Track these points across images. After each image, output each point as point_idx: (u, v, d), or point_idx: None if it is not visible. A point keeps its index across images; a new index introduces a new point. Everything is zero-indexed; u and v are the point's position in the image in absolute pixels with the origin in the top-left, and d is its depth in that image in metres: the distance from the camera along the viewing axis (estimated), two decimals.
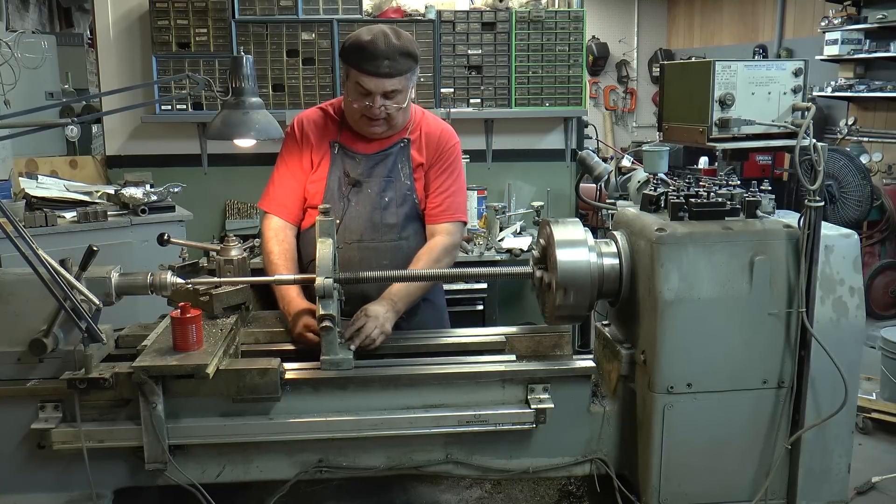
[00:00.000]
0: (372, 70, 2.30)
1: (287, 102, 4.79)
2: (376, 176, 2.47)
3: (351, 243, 2.44)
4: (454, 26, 4.83)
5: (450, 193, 2.53)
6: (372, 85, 2.31)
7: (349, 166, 2.47)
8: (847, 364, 1.94)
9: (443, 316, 2.66)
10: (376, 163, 2.47)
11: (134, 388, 1.84)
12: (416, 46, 2.39)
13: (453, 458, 2.02)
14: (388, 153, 2.48)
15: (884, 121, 7.45)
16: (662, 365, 1.93)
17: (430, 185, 2.53)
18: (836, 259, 1.99)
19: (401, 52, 2.31)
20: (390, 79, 2.31)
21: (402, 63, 2.32)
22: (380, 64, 2.29)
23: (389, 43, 2.30)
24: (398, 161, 2.48)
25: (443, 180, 2.52)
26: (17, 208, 3.77)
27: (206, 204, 4.90)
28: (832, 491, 2.05)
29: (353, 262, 2.39)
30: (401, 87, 2.35)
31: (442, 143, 2.53)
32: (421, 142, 2.51)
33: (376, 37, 2.30)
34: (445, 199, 2.51)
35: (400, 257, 2.43)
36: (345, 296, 2.45)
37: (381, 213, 2.46)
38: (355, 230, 2.45)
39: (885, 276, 6.40)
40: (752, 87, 1.95)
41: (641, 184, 4.05)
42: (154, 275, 2.00)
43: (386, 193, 2.47)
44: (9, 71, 5.36)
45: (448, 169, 2.53)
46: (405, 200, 2.49)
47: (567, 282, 1.95)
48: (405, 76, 2.35)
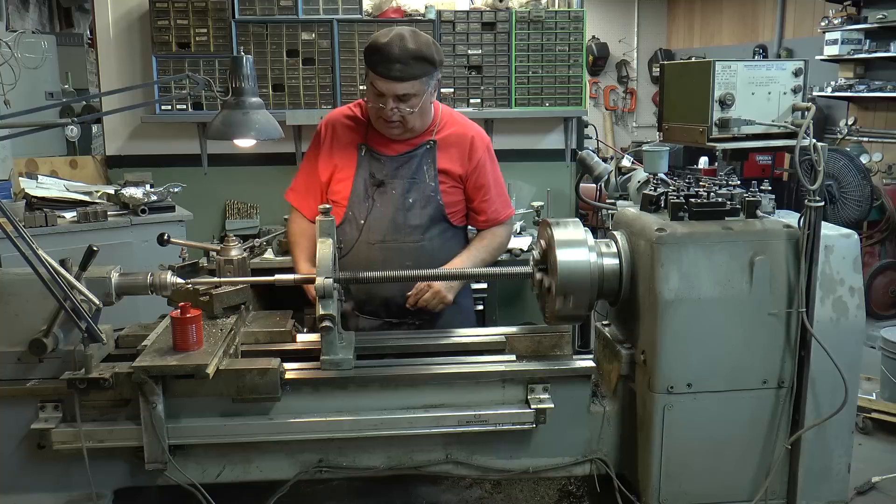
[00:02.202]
0: (384, 72, 2.33)
1: (287, 102, 4.79)
2: (401, 177, 2.50)
3: (374, 243, 2.48)
4: (454, 26, 4.83)
5: (489, 200, 2.59)
6: (384, 87, 2.34)
7: (375, 168, 2.51)
8: (847, 364, 1.94)
9: (468, 319, 2.68)
10: (401, 164, 2.50)
11: (134, 388, 1.84)
12: (435, 50, 2.39)
13: (453, 458, 2.03)
14: (412, 155, 2.51)
15: (884, 121, 7.45)
16: (662, 365, 1.93)
17: (470, 197, 2.58)
18: (836, 259, 1.99)
19: (415, 55, 2.31)
20: (401, 82, 2.33)
21: (416, 67, 2.33)
22: (392, 67, 2.31)
23: (404, 46, 2.31)
24: (423, 163, 2.50)
25: (481, 190, 2.57)
26: (17, 208, 3.77)
27: (206, 204, 4.91)
28: (832, 491, 2.05)
29: (376, 263, 2.42)
30: (414, 91, 2.36)
31: (467, 145, 2.54)
32: (447, 143, 2.52)
33: (392, 40, 2.32)
34: (486, 206, 2.60)
35: (423, 258, 2.46)
36: (365, 296, 2.49)
37: (405, 214, 2.49)
38: (378, 230, 2.49)
39: (885, 276, 6.40)
40: (752, 87, 1.95)
41: (641, 184, 4.05)
42: (154, 275, 2.00)
43: (410, 195, 2.49)
44: (9, 71, 5.36)
45: (481, 172, 2.56)
46: (429, 202, 2.51)
47: (567, 282, 1.95)
48: (419, 80, 2.36)
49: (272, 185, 5.02)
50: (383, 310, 2.55)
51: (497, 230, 2.65)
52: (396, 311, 2.53)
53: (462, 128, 2.58)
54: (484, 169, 2.58)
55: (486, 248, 2.59)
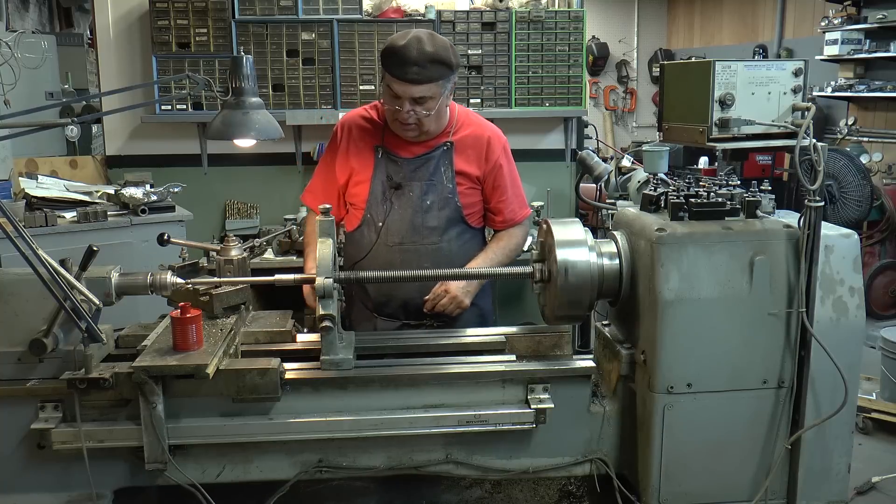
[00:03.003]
0: (400, 75, 2.32)
1: (287, 102, 4.79)
2: (418, 179, 2.50)
3: (392, 246, 2.49)
4: (454, 26, 4.83)
5: (506, 200, 2.60)
6: (400, 90, 2.34)
7: (392, 170, 2.50)
8: (847, 364, 1.94)
9: (486, 321, 2.68)
10: (418, 166, 2.50)
11: (134, 388, 1.84)
12: (451, 53, 2.38)
13: (453, 458, 2.03)
14: (430, 157, 2.51)
15: (884, 121, 7.45)
16: (662, 365, 1.93)
17: (487, 198, 2.59)
18: (836, 259, 1.99)
19: (432, 59, 2.31)
20: (418, 85, 2.33)
21: (433, 70, 2.32)
22: (408, 69, 2.31)
23: (421, 49, 2.31)
24: (440, 164, 2.50)
25: (498, 190, 2.58)
26: (17, 208, 3.78)
27: (206, 204, 4.91)
28: (832, 491, 2.05)
29: (395, 265, 2.43)
30: (430, 94, 2.36)
31: (484, 146, 2.54)
32: (464, 144, 2.52)
33: (409, 42, 2.32)
34: (503, 206, 2.60)
35: (441, 260, 2.47)
36: (385, 298, 2.53)
37: (423, 217, 2.49)
38: (396, 232, 2.49)
39: (885, 276, 6.40)
40: (752, 87, 1.95)
41: (641, 184, 4.05)
42: (154, 275, 2.00)
43: (427, 196, 2.49)
44: (9, 71, 5.36)
45: (498, 172, 2.56)
46: (447, 204, 2.51)
47: (567, 282, 1.95)
48: (436, 83, 2.35)
49: (272, 185, 5.04)
50: (402, 311, 2.55)
51: (514, 231, 2.65)
52: (415, 312, 2.54)
53: (479, 128, 2.57)
54: (501, 170, 2.57)
55: (503, 249, 2.59)
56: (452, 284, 2.46)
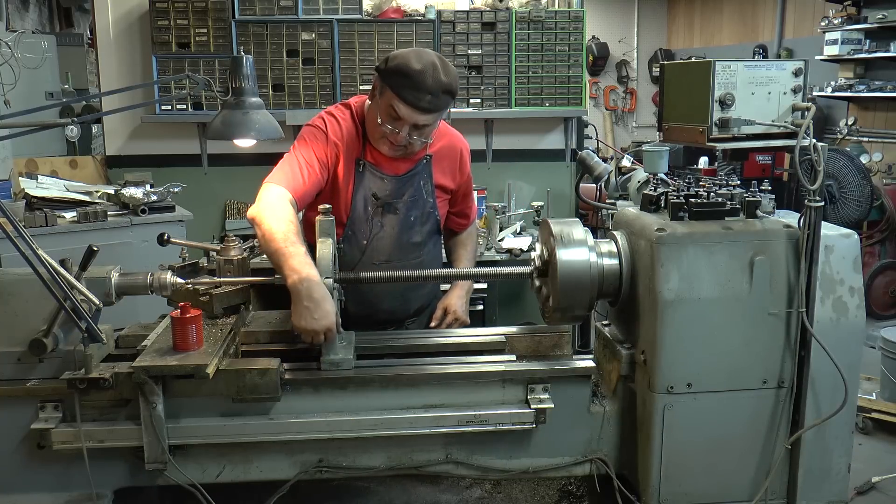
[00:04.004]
0: (413, 101, 2.20)
1: (287, 102, 4.79)
2: (404, 197, 2.42)
3: (378, 264, 2.39)
4: (454, 26, 4.83)
5: (468, 204, 2.69)
6: (407, 114, 2.22)
7: (377, 186, 2.39)
8: (847, 364, 1.94)
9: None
10: (404, 183, 2.41)
11: (134, 388, 1.84)
12: (458, 82, 2.30)
13: (453, 458, 2.02)
14: (414, 172, 2.43)
15: (884, 121, 7.45)
16: (662, 365, 1.93)
17: (456, 203, 2.63)
18: (836, 259, 1.99)
19: (445, 89, 2.22)
20: (428, 114, 2.24)
21: (443, 100, 2.24)
22: (422, 97, 2.19)
23: (437, 78, 2.19)
24: (421, 179, 2.45)
25: (468, 197, 2.68)
26: (17, 208, 3.78)
27: (206, 204, 4.91)
28: (832, 491, 2.05)
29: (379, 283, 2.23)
30: (432, 122, 2.29)
31: (458, 157, 2.55)
32: (441, 156, 2.49)
33: (426, 68, 2.19)
34: (469, 211, 2.71)
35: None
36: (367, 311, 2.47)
37: (408, 234, 2.45)
38: (384, 251, 2.42)
39: (885, 276, 6.40)
40: (752, 87, 1.95)
41: (641, 184, 4.04)
42: (154, 275, 2.00)
43: (412, 213, 2.44)
44: (9, 71, 5.37)
45: (468, 180, 2.63)
46: (428, 218, 2.48)
47: (567, 282, 1.95)
48: (440, 112, 2.29)
49: None
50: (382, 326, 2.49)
51: (472, 230, 2.75)
52: (396, 326, 2.53)
53: (450, 138, 2.53)
54: (469, 178, 2.63)
55: (473, 251, 2.72)
56: (455, 305, 2.54)
